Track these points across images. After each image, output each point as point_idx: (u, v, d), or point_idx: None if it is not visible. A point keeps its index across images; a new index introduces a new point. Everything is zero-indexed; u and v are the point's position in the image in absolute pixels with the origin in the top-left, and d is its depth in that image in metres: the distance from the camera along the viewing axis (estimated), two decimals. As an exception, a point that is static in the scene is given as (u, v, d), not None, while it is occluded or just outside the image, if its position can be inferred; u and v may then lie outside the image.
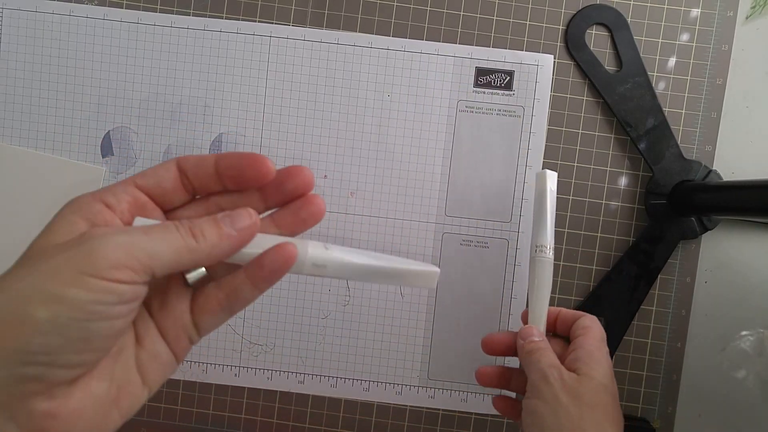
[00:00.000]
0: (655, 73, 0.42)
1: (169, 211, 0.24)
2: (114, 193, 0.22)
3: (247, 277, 0.22)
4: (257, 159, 0.23)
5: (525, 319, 0.36)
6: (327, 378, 0.43)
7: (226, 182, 0.23)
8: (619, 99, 0.42)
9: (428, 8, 0.42)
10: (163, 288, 0.23)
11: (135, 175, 0.23)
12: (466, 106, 0.42)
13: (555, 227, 0.41)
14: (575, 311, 0.35)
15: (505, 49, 0.42)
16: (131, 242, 0.19)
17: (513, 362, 0.40)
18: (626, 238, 0.43)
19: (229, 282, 0.22)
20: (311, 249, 0.22)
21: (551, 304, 0.35)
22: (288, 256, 0.22)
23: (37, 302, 0.18)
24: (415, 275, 0.24)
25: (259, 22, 0.42)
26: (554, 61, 0.42)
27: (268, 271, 0.22)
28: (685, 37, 0.42)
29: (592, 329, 0.33)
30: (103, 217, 0.21)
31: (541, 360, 0.32)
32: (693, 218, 0.41)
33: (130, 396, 0.21)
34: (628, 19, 0.42)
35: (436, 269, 0.25)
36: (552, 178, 0.36)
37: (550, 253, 0.35)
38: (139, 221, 0.22)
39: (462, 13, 0.42)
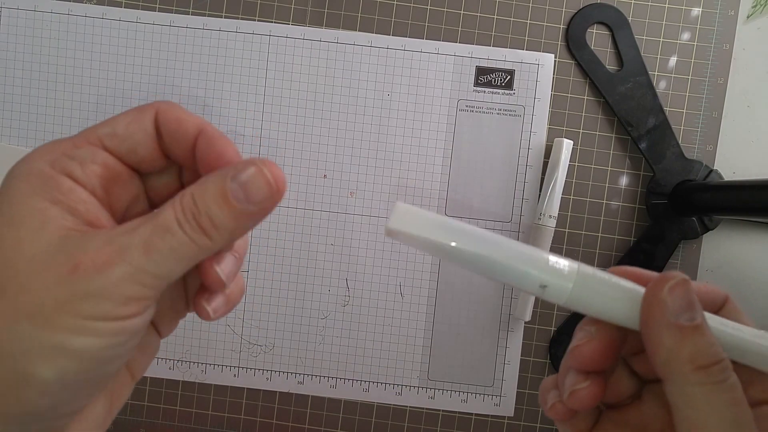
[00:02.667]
0: (656, 73, 0.42)
1: (144, 176, 0.20)
2: (81, 162, 0.17)
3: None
4: (231, 154, 0.19)
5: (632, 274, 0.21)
6: (326, 378, 0.43)
7: (198, 162, 0.19)
8: (620, 98, 0.41)
9: (428, 7, 0.42)
10: None
11: (101, 128, 0.18)
12: (467, 106, 0.42)
13: (555, 228, 0.41)
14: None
15: (506, 48, 0.42)
16: (136, 270, 0.16)
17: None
18: (627, 238, 0.43)
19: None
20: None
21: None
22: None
23: (38, 358, 0.15)
24: None
25: (258, 20, 0.42)
26: (555, 61, 0.42)
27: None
28: (686, 36, 0.42)
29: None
30: (75, 199, 0.17)
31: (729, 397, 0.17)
32: (694, 218, 0.41)
33: (122, 396, 0.20)
34: (629, 18, 0.42)
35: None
36: (568, 147, 0.39)
37: (552, 222, 0.36)
38: (127, 226, 0.17)
39: (462, 12, 0.42)
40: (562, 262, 0.19)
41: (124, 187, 0.19)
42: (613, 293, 0.19)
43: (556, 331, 0.43)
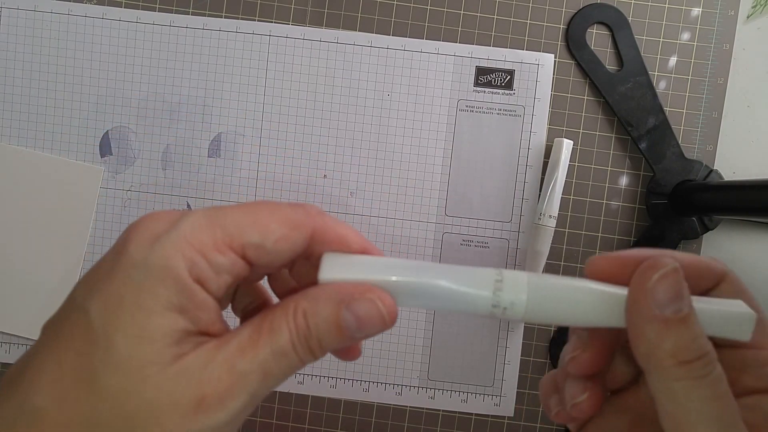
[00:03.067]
0: (656, 73, 0.42)
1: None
2: (218, 272, 0.17)
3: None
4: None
5: (602, 268, 0.20)
6: (326, 378, 0.43)
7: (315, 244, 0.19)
8: (620, 98, 0.41)
9: (428, 7, 0.42)
10: None
11: (250, 234, 0.17)
12: (467, 106, 0.42)
13: (555, 228, 0.41)
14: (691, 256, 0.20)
15: (506, 48, 0.42)
16: (253, 397, 0.16)
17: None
18: (627, 238, 0.43)
19: None
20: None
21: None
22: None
23: None
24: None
25: (258, 21, 0.42)
26: (555, 61, 0.42)
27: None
28: (686, 36, 0.42)
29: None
30: (202, 310, 0.17)
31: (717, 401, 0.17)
32: (694, 218, 0.41)
33: None
34: (629, 19, 0.42)
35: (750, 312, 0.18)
36: (568, 147, 0.39)
37: (552, 222, 0.36)
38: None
39: (462, 12, 0.42)
40: (509, 275, 0.18)
41: (244, 289, 0.20)
42: (575, 296, 0.18)
43: (556, 331, 0.43)
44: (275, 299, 0.21)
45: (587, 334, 0.20)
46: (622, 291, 0.18)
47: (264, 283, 0.22)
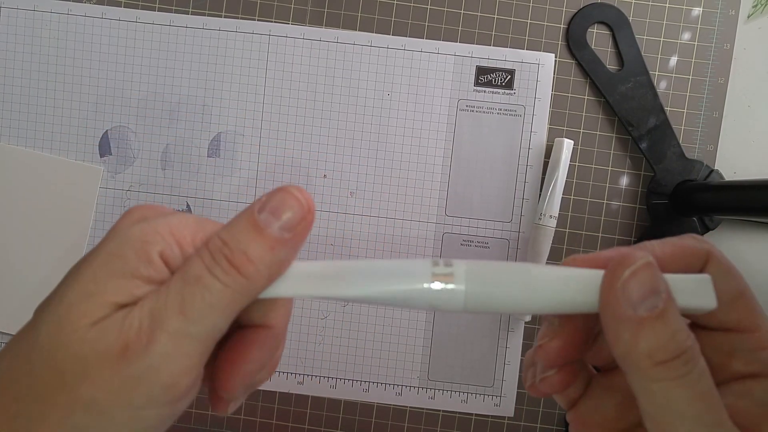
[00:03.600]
0: (656, 72, 0.42)
1: None
2: (179, 241, 0.17)
3: None
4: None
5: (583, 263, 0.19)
6: (326, 379, 0.43)
7: None
8: (621, 98, 0.41)
9: (428, 6, 0.42)
10: None
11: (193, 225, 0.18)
12: (467, 105, 0.42)
13: (556, 228, 0.41)
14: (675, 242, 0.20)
15: (506, 47, 0.42)
16: (176, 337, 0.15)
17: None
18: (627, 238, 0.43)
19: None
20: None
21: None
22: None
23: None
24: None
25: (258, 20, 0.42)
26: (555, 60, 0.42)
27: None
28: (686, 36, 0.42)
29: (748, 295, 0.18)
30: (157, 269, 0.17)
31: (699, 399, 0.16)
32: (695, 218, 0.41)
33: None
34: (630, 18, 0.42)
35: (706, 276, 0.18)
36: (568, 147, 0.39)
37: (553, 223, 0.36)
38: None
39: (462, 11, 0.42)
40: (443, 263, 0.17)
41: None
42: (517, 279, 0.17)
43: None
44: None
45: (558, 321, 0.19)
46: (570, 272, 0.18)
47: None
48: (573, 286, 0.17)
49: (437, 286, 0.17)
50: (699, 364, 0.16)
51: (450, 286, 0.17)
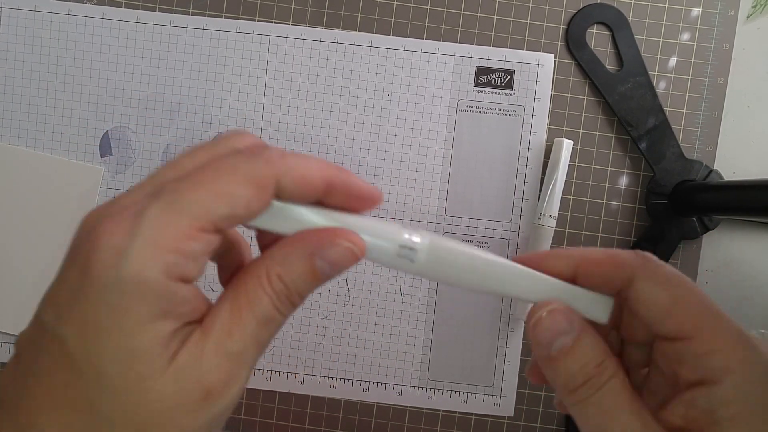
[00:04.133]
0: (656, 73, 0.42)
1: None
2: (195, 259, 0.16)
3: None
4: (372, 197, 0.20)
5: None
6: (326, 379, 0.43)
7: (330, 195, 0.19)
8: (620, 98, 0.41)
9: (428, 7, 0.42)
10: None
11: (217, 207, 0.16)
12: (467, 106, 0.42)
13: (555, 228, 0.41)
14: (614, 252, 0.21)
15: (506, 48, 0.42)
16: (251, 369, 0.17)
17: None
18: (627, 238, 0.43)
19: None
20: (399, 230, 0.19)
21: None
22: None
23: None
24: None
25: (258, 21, 0.42)
26: (555, 61, 0.42)
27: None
28: (686, 36, 0.42)
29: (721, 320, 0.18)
30: (185, 305, 0.17)
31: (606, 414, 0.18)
32: (694, 218, 0.41)
33: None
34: (629, 19, 0.42)
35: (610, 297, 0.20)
36: (568, 147, 0.40)
37: (552, 222, 0.36)
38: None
39: (462, 12, 0.42)
40: (409, 235, 0.19)
41: (226, 253, 0.20)
42: (470, 265, 0.19)
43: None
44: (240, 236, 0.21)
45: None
46: (515, 266, 0.20)
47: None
48: (522, 284, 0.21)
49: (402, 252, 0.19)
50: (609, 384, 0.18)
51: (412, 262, 0.19)
